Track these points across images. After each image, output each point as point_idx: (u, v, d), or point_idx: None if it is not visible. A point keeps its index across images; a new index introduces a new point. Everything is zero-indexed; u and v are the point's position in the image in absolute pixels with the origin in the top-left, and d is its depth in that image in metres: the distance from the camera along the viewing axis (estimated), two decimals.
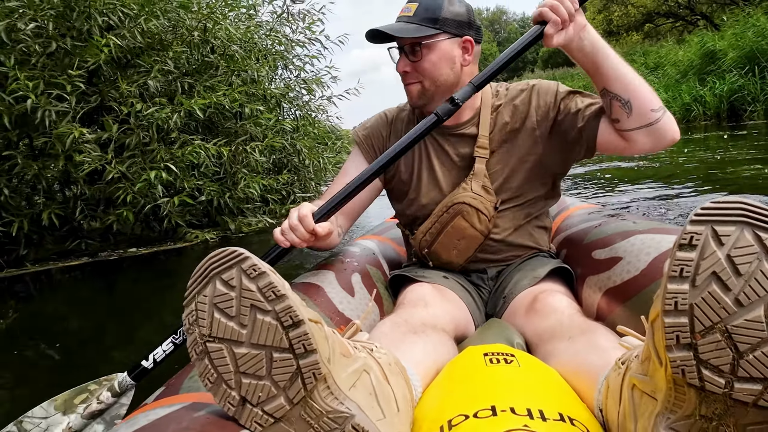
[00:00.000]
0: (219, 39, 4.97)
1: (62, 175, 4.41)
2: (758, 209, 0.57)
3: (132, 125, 4.30)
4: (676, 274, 0.59)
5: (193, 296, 0.69)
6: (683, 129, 10.28)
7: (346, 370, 0.73)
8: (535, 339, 1.10)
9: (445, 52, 1.33)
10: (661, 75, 13.51)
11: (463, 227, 1.36)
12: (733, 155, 5.87)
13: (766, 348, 0.56)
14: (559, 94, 1.35)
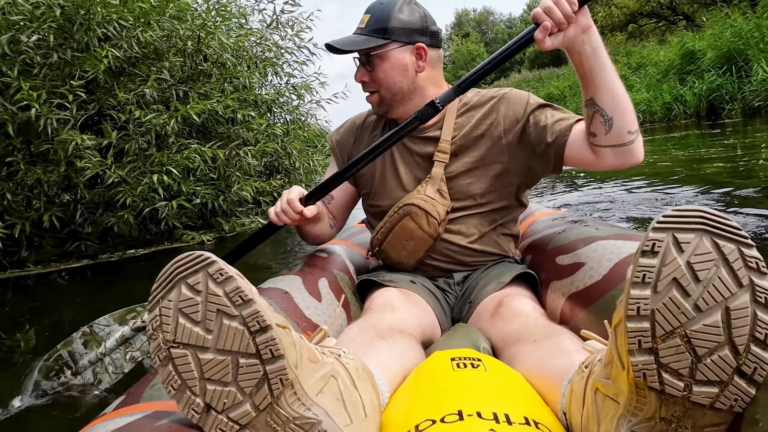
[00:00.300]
0: (212, 48, 5.17)
1: (63, 180, 4.51)
2: (716, 218, 0.59)
3: (130, 132, 4.46)
4: (639, 280, 0.60)
5: (157, 301, 0.68)
6: (665, 128, 10.68)
7: (314, 375, 0.72)
8: (501, 343, 1.11)
9: (397, 60, 1.36)
10: (643, 75, 13.75)
11: (411, 228, 1.38)
12: (702, 153, 6.12)
13: (723, 352, 0.58)
14: (529, 105, 1.37)
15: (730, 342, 0.58)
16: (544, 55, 32.78)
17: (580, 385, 0.74)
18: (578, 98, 16.08)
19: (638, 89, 12.89)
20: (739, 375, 0.59)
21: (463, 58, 43.85)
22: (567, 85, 18.28)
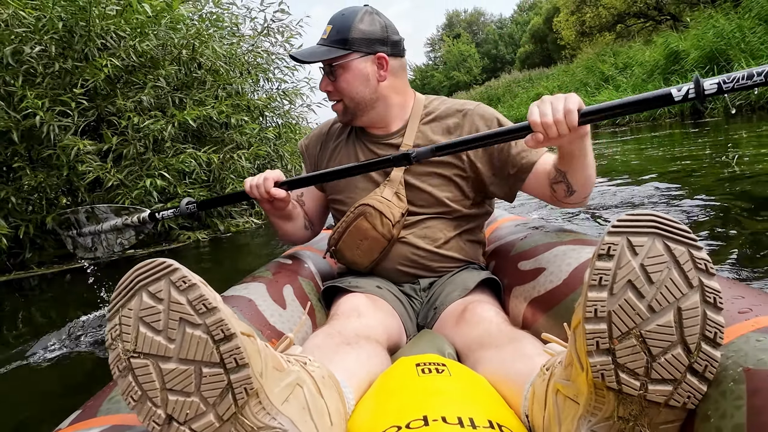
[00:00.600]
0: (205, 56, 5.38)
1: (65, 184, 4.64)
2: (668, 221, 0.62)
3: (129, 137, 4.62)
4: (596, 282, 0.62)
5: (117, 310, 0.66)
6: (650, 127, 10.85)
7: (279, 384, 0.72)
8: (465, 348, 1.13)
9: (359, 70, 1.39)
10: (629, 75, 14.11)
11: (365, 228, 1.40)
12: (674, 152, 6.38)
13: (676, 351, 0.61)
14: (493, 129, 1.40)
15: (682, 341, 0.61)
16: (535, 55, 32.56)
17: (542, 387, 0.76)
18: None
19: (624, 89, 13.27)
20: (692, 373, 0.61)
21: (455, 59, 43.99)
22: (556, 85, 18.60)
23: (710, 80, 1.00)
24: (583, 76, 16.99)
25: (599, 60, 16.80)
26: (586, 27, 22.36)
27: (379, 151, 1.48)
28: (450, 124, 1.45)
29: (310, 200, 1.64)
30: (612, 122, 13.08)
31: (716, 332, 0.60)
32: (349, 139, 1.56)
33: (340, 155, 1.55)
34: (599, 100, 14.04)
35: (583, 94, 15.50)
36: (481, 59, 44.27)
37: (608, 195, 4.09)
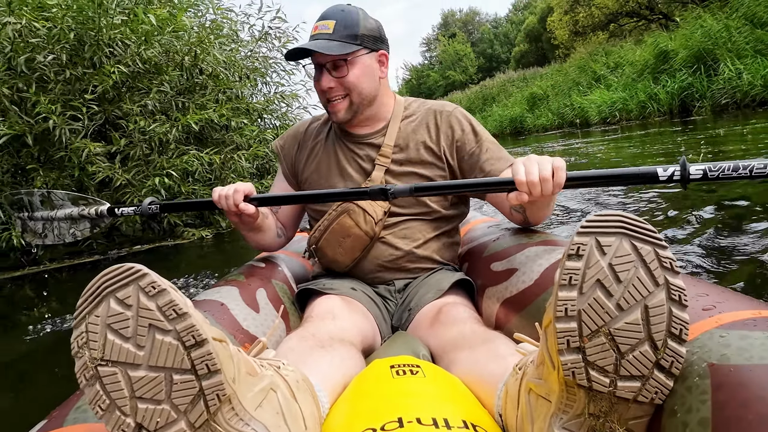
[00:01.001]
0: (207, 62, 5.64)
1: (76, 184, 4.89)
2: (634, 222, 0.63)
3: (135, 139, 4.89)
4: (566, 282, 0.63)
5: (83, 317, 0.64)
6: (640, 125, 10.98)
7: (252, 389, 0.71)
8: (439, 350, 1.13)
9: (367, 65, 1.41)
10: (620, 74, 14.19)
11: (348, 225, 1.40)
12: (653, 149, 6.56)
13: (643, 348, 0.62)
14: (470, 134, 1.45)
15: (649, 338, 0.62)
16: (530, 54, 32.29)
17: (515, 386, 0.77)
18: (560, 97, 16.41)
19: (615, 88, 13.39)
20: (659, 369, 0.63)
21: (450, 58, 43.85)
22: (550, 85, 18.62)
23: (696, 166, 1.03)
24: (576, 75, 17.01)
25: (591, 59, 16.88)
26: (579, 27, 22.33)
27: (359, 150, 1.49)
28: (429, 123, 1.48)
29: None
30: (603, 120, 13.31)
31: (681, 329, 0.62)
32: (328, 139, 1.56)
33: (319, 156, 1.55)
34: (591, 99, 14.22)
35: (576, 93, 15.63)
36: (477, 59, 44.18)
37: (577, 193, 4.21)
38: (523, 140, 15.39)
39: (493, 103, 23.74)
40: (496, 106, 22.62)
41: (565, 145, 9.95)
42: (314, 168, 1.55)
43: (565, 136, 12.46)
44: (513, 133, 19.55)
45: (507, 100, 22.31)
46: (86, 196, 1.69)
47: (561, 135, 13.33)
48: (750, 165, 0.98)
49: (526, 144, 13.23)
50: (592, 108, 13.89)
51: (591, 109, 13.90)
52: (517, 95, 21.43)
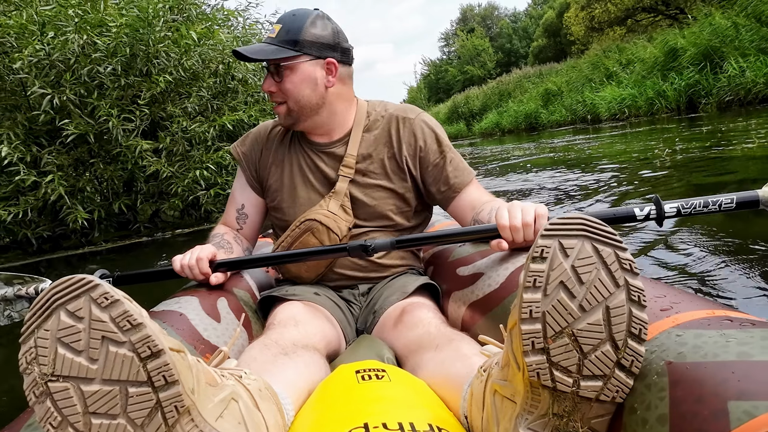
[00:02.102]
0: (237, 70, 6.46)
1: (128, 175, 5.86)
2: (596, 224, 0.64)
3: (177, 138, 5.74)
4: (531, 284, 0.64)
5: (32, 331, 0.60)
6: (648, 121, 11.19)
7: (213, 399, 0.69)
8: (405, 351, 1.13)
9: (307, 73, 1.35)
10: (631, 71, 14.34)
11: (312, 244, 1.38)
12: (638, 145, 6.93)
13: (605, 348, 0.63)
14: (433, 144, 1.43)
15: (610, 338, 0.63)
16: (548, 49, 32.02)
17: (480, 388, 0.77)
18: (574, 93, 16.46)
19: (625, 85, 13.58)
20: (619, 368, 0.64)
21: (468, 53, 43.47)
22: (564, 81, 18.67)
23: (670, 203, 1.14)
24: (589, 72, 17.07)
25: (605, 56, 16.96)
26: (596, 22, 22.17)
27: (321, 161, 1.45)
28: (391, 130, 1.44)
29: (254, 212, 1.58)
30: (612, 116, 13.55)
31: (641, 328, 0.63)
32: (291, 145, 1.51)
33: (282, 164, 1.50)
34: (602, 96, 14.40)
35: (588, 90, 15.77)
36: (495, 53, 43.90)
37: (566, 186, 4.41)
38: (536, 135, 15.58)
39: (508, 99, 23.59)
40: (512, 102, 22.53)
41: (569, 142, 10.22)
42: (278, 176, 1.50)
43: (575, 132, 12.66)
44: (527, 128, 19.64)
45: (522, 95, 22.21)
46: (22, 275, 1.57)
47: (572, 131, 13.54)
48: (718, 200, 1.11)
49: (540, 138, 13.43)
50: (602, 104, 14.11)
51: (601, 106, 14.13)
52: (532, 91, 21.36)
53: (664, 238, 2.57)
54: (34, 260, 5.37)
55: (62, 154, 5.33)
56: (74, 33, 4.96)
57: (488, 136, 22.77)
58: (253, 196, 1.56)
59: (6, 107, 5.23)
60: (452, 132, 28.52)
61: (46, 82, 4.95)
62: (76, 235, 5.73)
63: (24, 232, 5.34)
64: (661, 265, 2.19)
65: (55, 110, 4.96)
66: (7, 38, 4.89)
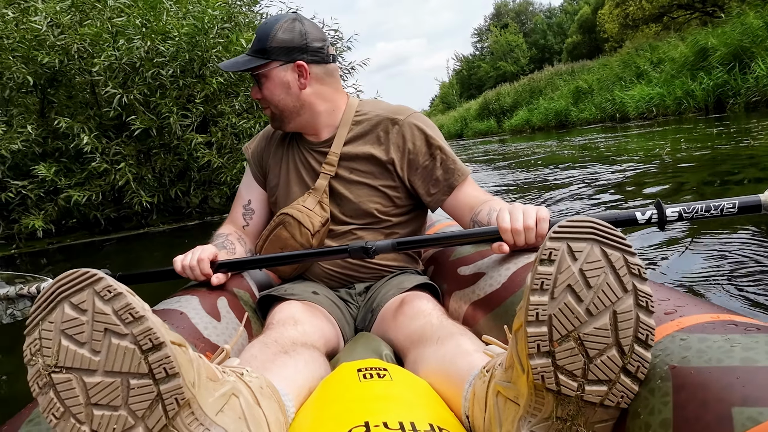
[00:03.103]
0: None
1: (183, 165, 6.57)
2: (605, 228, 0.64)
3: (227, 132, 6.30)
4: (538, 287, 0.63)
5: (36, 324, 0.61)
6: (676, 120, 11.22)
7: (213, 394, 0.69)
8: (406, 343, 1.13)
9: (279, 78, 1.39)
10: (661, 71, 14.33)
11: (284, 237, 1.40)
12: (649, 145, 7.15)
13: (611, 352, 0.63)
14: (422, 146, 1.41)
15: (617, 343, 0.63)
16: (582, 45, 31.65)
17: (482, 389, 0.77)
18: (604, 92, 16.46)
19: (655, 84, 13.59)
20: (625, 373, 0.64)
21: (502, 49, 43.04)
22: (595, 79, 18.60)
23: (672, 207, 1.12)
24: (620, 70, 17.00)
25: (636, 54, 16.88)
26: (630, 20, 21.85)
27: (311, 159, 1.48)
28: (380, 133, 1.44)
29: (260, 207, 1.60)
30: (640, 115, 13.54)
31: (648, 334, 0.63)
32: (290, 144, 1.54)
33: (280, 161, 1.54)
34: (631, 95, 14.37)
35: (618, 88, 15.71)
36: (529, 49, 43.45)
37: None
38: (565, 132, 15.61)
39: (539, 96, 23.52)
40: (543, 99, 22.46)
41: (589, 140, 10.35)
42: (276, 173, 1.54)
43: (601, 131, 12.74)
44: (557, 126, 19.62)
45: (553, 93, 22.16)
46: (24, 274, 1.60)
47: (599, 129, 13.59)
48: (720, 205, 1.09)
49: (564, 136, 13.48)
50: (630, 103, 14.08)
51: (629, 104, 14.10)
52: (563, 89, 21.30)
53: (669, 239, 2.57)
54: (100, 239, 6.23)
55: (128, 145, 6.09)
56: (141, 40, 5.63)
57: (518, 132, 22.73)
58: (259, 191, 1.60)
59: (80, 104, 6.17)
60: (482, 128, 28.66)
61: (116, 83, 5.67)
62: (137, 217, 6.64)
63: (94, 213, 6.26)
64: (665, 267, 2.19)
65: (123, 107, 5.67)
66: (84, 44, 5.69)
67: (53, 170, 5.64)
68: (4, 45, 5.61)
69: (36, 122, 5.79)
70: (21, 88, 5.92)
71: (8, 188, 5.66)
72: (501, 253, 1.14)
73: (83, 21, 5.79)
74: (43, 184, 5.70)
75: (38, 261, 5.35)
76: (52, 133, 5.94)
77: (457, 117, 35.73)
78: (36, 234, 5.70)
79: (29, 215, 5.73)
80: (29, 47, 5.64)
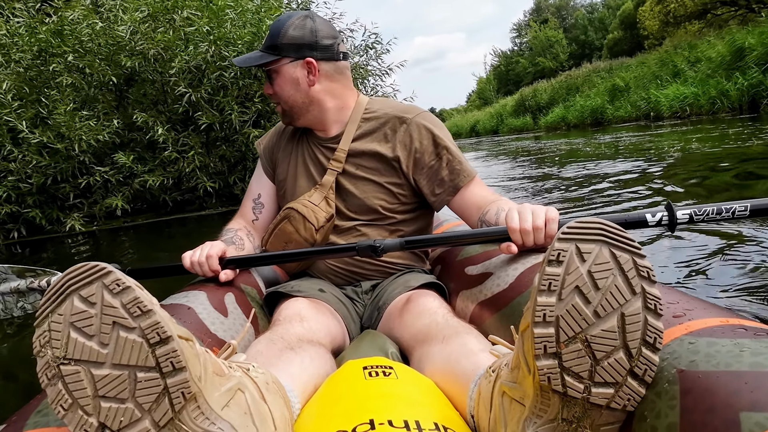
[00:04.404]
0: None
1: (240, 156, 7.50)
2: (614, 229, 0.64)
3: None
4: (545, 288, 0.63)
5: (46, 315, 0.61)
6: (709, 120, 11.19)
7: (219, 389, 0.69)
8: (412, 341, 1.13)
9: (289, 75, 1.40)
10: (697, 70, 14.25)
11: (289, 232, 1.42)
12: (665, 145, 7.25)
13: (618, 355, 0.63)
14: (429, 145, 1.41)
15: (624, 346, 0.63)
16: (623, 41, 31.20)
17: (488, 388, 0.77)
18: (641, 90, 16.42)
19: (690, 83, 13.54)
20: (632, 376, 0.63)
21: (541, 45, 42.72)
22: (632, 77, 18.50)
23: (683, 210, 1.09)
24: (657, 68, 16.88)
25: (674, 53, 16.75)
26: (671, 17, 21.43)
27: (319, 154, 1.49)
28: (387, 131, 1.44)
29: (270, 201, 1.61)
30: (673, 114, 13.49)
31: (656, 338, 0.63)
32: (300, 139, 1.56)
33: (290, 156, 1.55)
34: (666, 94, 14.31)
35: (654, 87, 15.65)
36: (569, 45, 42.99)
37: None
38: (600, 130, 15.65)
39: (576, 94, 23.39)
40: (579, 97, 22.33)
41: (615, 138, 10.48)
42: (285, 167, 1.55)
43: (634, 129, 12.71)
44: (592, 123, 19.56)
45: (590, 90, 22.01)
46: (34, 268, 1.62)
47: (633, 128, 13.56)
48: (732, 207, 1.07)
49: (600, 133, 13.51)
50: (664, 102, 14.03)
51: (663, 103, 14.05)
52: (600, 86, 21.13)
53: (679, 240, 2.55)
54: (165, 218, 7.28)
55: (194, 137, 7.00)
56: (207, 46, 6.50)
57: (553, 130, 22.67)
58: (269, 185, 1.61)
59: (151, 101, 7.25)
60: (518, 125, 28.63)
61: (186, 84, 6.64)
62: (198, 201, 7.62)
63: (163, 196, 7.32)
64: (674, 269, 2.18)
65: (190, 104, 6.65)
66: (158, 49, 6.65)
67: (131, 158, 6.65)
68: (93, 49, 6.78)
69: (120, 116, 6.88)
70: (102, 86, 7.01)
71: (93, 173, 6.73)
72: (509, 253, 1.14)
73: (156, 29, 6.79)
74: (122, 170, 6.77)
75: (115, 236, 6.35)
76: (128, 126, 6.97)
77: (492, 113, 35.55)
78: (114, 213, 6.90)
79: (112, 196, 6.85)
80: (112, 51, 6.82)
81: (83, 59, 6.73)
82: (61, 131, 6.38)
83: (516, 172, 7.52)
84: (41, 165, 6.53)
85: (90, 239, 6.18)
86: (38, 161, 6.47)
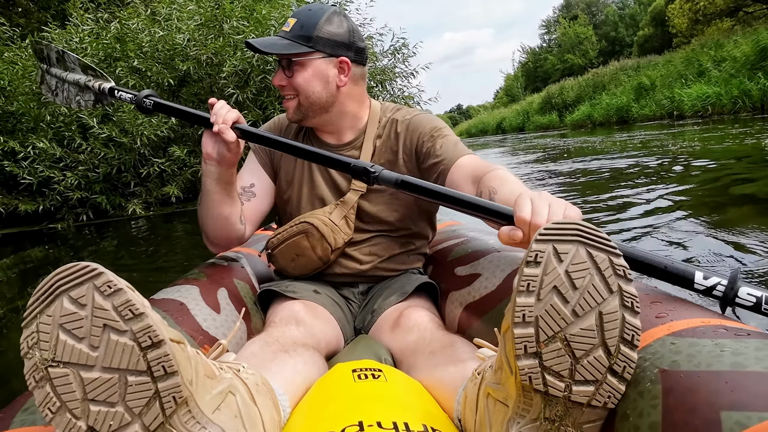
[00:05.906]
0: None
1: None
2: (590, 230, 0.65)
3: None
4: (524, 288, 0.64)
5: (34, 316, 0.62)
6: (731, 120, 11.25)
7: (210, 392, 0.70)
8: (400, 353, 1.14)
9: (319, 70, 1.33)
10: (721, 70, 14.28)
11: (304, 247, 1.37)
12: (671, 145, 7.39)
13: (598, 353, 0.64)
14: (424, 135, 1.39)
15: (603, 344, 0.64)
16: (654, 38, 30.80)
17: (473, 391, 0.77)
18: (665, 89, 16.57)
19: (714, 83, 13.64)
20: (611, 373, 0.64)
21: (570, 41, 42.18)
22: (659, 75, 18.50)
23: (752, 290, 0.78)
24: (683, 67, 16.87)
25: (701, 52, 16.70)
26: (700, 15, 21.13)
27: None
28: (391, 135, 1.43)
29: (263, 194, 1.49)
30: (695, 113, 13.57)
31: (633, 335, 0.64)
32: (306, 142, 1.48)
33: (298, 159, 1.47)
34: (689, 93, 14.40)
35: (678, 86, 15.71)
36: (599, 42, 42.27)
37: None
38: (625, 128, 15.75)
39: (602, 91, 23.31)
40: (605, 95, 22.31)
41: (630, 136, 10.59)
42: (290, 170, 1.48)
43: (657, 128, 12.74)
44: (618, 121, 19.60)
45: (616, 88, 21.92)
46: (95, 68, 1.67)
47: (656, 126, 13.62)
48: None
49: (629, 131, 13.56)
50: (686, 101, 14.10)
51: (686, 102, 14.13)
52: (626, 84, 21.02)
53: (662, 239, 2.54)
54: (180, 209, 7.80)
55: None
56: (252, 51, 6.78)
57: (579, 127, 22.71)
58: (266, 178, 1.51)
59: (202, 100, 7.58)
60: (544, 122, 28.71)
61: (234, 85, 7.23)
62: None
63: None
64: None
65: (237, 104, 7.09)
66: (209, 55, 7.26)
67: (185, 151, 7.35)
68: (154, 55, 7.58)
69: None
70: (159, 87, 7.60)
71: (152, 164, 7.41)
72: (511, 240, 0.88)
73: (208, 36, 7.43)
74: (176, 162, 7.47)
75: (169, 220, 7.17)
76: (181, 123, 7.46)
77: (519, 110, 35.36)
78: (168, 200, 7.65)
79: (168, 185, 7.54)
80: (168, 56, 7.58)
81: (144, 63, 7.54)
82: (125, 127, 7.26)
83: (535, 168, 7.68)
84: (107, 156, 7.44)
85: (148, 222, 7.14)
86: (105, 153, 7.40)
